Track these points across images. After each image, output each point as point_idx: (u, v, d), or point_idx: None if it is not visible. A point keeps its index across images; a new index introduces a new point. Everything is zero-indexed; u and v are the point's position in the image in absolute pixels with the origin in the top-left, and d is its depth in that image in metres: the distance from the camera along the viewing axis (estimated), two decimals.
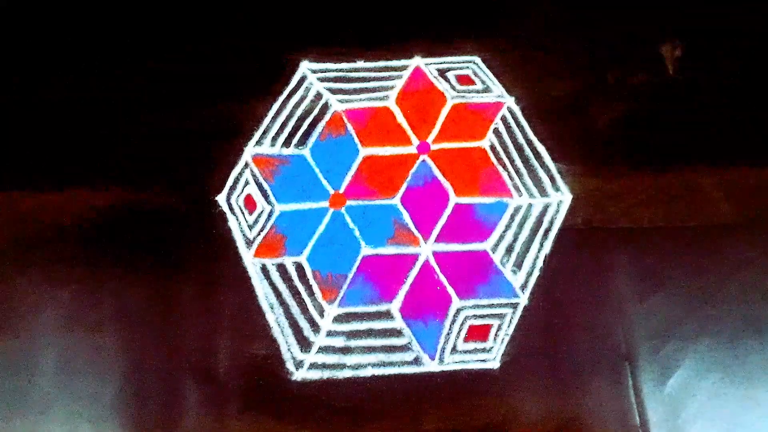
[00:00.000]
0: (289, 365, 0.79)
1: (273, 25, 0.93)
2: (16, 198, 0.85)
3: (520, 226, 0.84)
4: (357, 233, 0.84)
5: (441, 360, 0.79)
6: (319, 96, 0.90)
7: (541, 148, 0.88)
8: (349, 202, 0.85)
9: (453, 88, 0.90)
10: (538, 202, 0.86)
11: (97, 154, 0.87)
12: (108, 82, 0.90)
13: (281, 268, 0.82)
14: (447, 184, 0.86)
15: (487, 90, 0.91)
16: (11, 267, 0.82)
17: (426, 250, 0.83)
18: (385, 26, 0.93)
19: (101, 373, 0.78)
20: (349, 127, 0.89)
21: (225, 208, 0.85)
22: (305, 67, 0.91)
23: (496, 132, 0.89)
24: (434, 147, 0.88)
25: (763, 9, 0.94)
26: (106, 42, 0.92)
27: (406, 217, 0.85)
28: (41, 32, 0.92)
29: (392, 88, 0.90)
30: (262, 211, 0.85)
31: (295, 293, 0.82)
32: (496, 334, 0.80)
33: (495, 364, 0.79)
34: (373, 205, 0.85)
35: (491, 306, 0.81)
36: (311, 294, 0.82)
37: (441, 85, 0.91)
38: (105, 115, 0.88)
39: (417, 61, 0.92)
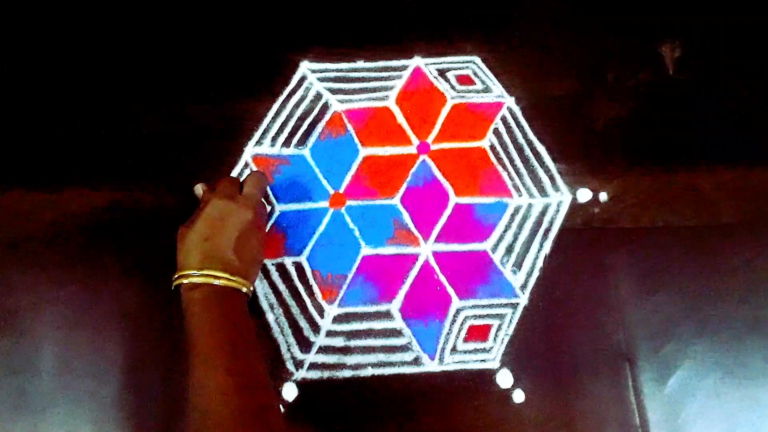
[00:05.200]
0: (289, 365, 0.79)
1: (273, 25, 0.93)
2: (16, 197, 0.85)
3: (520, 226, 0.84)
4: (357, 233, 0.84)
5: (441, 360, 0.79)
6: (319, 96, 0.90)
7: (541, 148, 0.88)
8: (349, 202, 0.85)
9: (453, 88, 0.90)
10: (538, 202, 0.85)
11: (97, 153, 0.87)
12: (107, 82, 0.90)
13: (281, 268, 0.82)
14: (447, 184, 0.86)
15: (487, 90, 0.91)
16: (11, 267, 0.82)
17: (426, 250, 0.83)
18: (385, 26, 0.93)
19: (101, 373, 0.78)
20: (349, 127, 0.89)
21: None
22: (305, 67, 0.91)
23: (496, 132, 0.88)
24: (434, 147, 0.88)
25: (763, 9, 0.94)
26: (105, 42, 0.92)
27: (406, 217, 0.85)
28: (41, 32, 0.92)
29: (392, 88, 0.90)
30: None
31: (295, 293, 0.81)
32: (496, 334, 0.80)
33: (495, 364, 0.79)
34: (373, 205, 0.85)
35: (491, 306, 0.81)
36: (311, 294, 0.82)
37: (441, 85, 0.91)
38: (104, 115, 0.88)
39: (417, 61, 0.92)
